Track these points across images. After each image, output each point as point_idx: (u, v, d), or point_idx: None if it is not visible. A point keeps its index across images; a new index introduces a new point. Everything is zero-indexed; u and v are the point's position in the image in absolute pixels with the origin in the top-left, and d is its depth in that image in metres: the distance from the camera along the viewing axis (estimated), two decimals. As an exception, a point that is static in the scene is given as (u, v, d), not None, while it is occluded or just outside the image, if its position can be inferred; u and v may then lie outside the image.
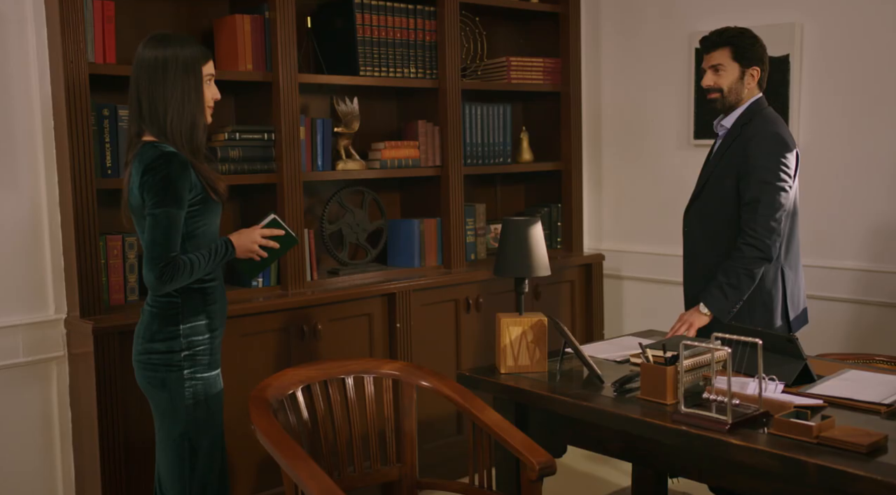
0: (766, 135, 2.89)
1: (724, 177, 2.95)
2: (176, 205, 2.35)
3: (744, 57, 2.95)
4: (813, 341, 3.56)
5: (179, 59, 2.42)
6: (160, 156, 2.35)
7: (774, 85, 3.89)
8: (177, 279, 2.36)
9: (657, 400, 2.40)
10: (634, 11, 4.46)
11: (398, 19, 3.80)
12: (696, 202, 3.08)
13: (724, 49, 2.96)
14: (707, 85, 3.00)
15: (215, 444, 2.52)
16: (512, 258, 2.82)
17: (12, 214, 3.07)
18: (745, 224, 2.86)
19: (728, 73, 2.96)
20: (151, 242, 2.34)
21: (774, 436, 2.13)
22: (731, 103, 2.98)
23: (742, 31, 2.99)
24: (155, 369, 2.44)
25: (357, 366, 2.76)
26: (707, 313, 2.89)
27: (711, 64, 2.98)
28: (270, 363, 3.31)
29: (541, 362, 2.76)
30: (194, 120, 2.45)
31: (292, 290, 3.48)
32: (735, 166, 2.91)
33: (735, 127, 2.98)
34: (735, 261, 2.86)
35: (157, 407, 2.49)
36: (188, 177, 2.38)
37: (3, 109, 3.03)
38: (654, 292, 4.45)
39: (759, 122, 2.94)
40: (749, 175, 2.87)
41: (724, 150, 2.98)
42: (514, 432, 2.48)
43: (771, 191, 2.84)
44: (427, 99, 3.97)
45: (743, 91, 2.97)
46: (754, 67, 2.97)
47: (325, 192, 3.83)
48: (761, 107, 2.99)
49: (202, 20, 3.51)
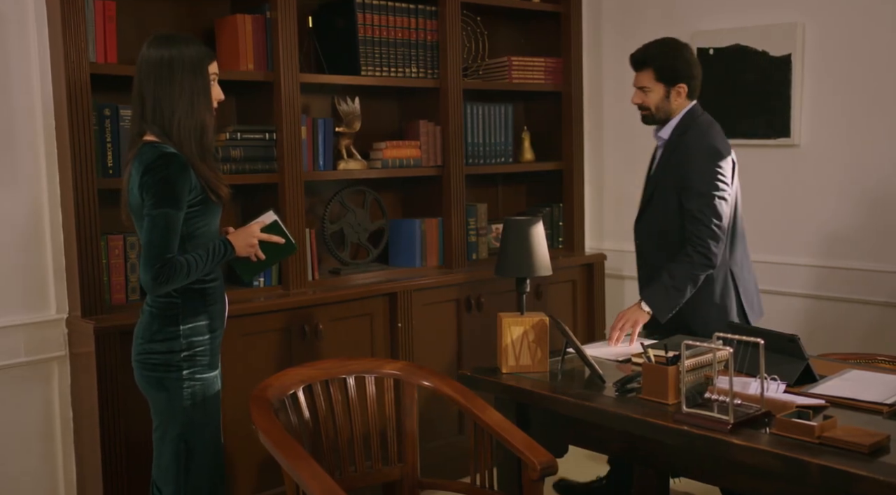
0: (700, 149, 3.00)
1: (667, 190, 3.06)
2: (174, 206, 2.34)
3: (666, 77, 3.05)
4: (816, 341, 3.56)
5: (186, 58, 2.41)
6: (160, 157, 2.34)
7: (775, 85, 3.88)
8: (173, 280, 2.35)
9: (659, 400, 2.40)
10: (635, 11, 4.45)
11: (399, 19, 3.79)
12: (644, 214, 3.17)
13: (648, 70, 3.06)
14: (636, 103, 3.12)
15: (212, 445, 2.51)
16: (513, 258, 2.82)
17: (14, 214, 3.06)
18: (690, 233, 2.96)
19: (654, 94, 3.07)
20: (148, 243, 2.34)
21: (776, 436, 2.13)
22: (661, 119, 3.11)
23: (664, 51, 3.06)
24: (154, 369, 2.44)
25: (358, 365, 2.76)
26: (648, 311, 2.97)
27: (638, 85, 3.09)
28: (271, 363, 3.30)
29: (542, 362, 2.76)
30: (203, 121, 2.44)
31: (294, 290, 3.47)
32: (676, 179, 3.02)
33: (673, 137, 3.08)
34: (682, 266, 2.95)
35: (155, 407, 2.49)
36: (188, 179, 2.37)
37: (5, 109, 3.03)
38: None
39: (695, 133, 3.04)
40: (688, 189, 2.98)
41: (665, 162, 3.09)
42: (516, 432, 2.47)
43: (711, 202, 2.94)
44: (428, 98, 3.97)
45: (671, 107, 3.08)
46: (680, 85, 3.05)
47: (327, 192, 3.83)
48: (695, 116, 3.09)
49: (203, 20, 3.50)
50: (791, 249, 3.94)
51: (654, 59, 3.05)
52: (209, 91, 2.46)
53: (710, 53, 4.11)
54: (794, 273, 3.92)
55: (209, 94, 2.46)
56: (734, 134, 4.05)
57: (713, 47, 4.10)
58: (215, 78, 2.50)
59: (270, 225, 2.61)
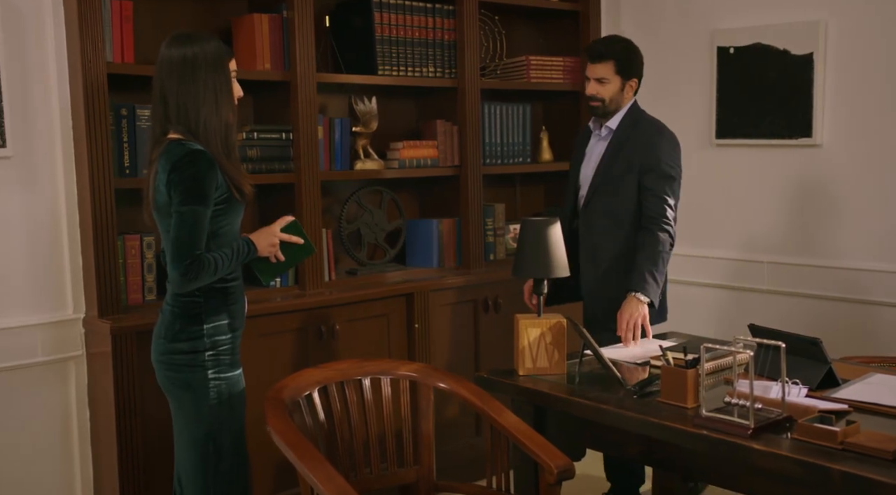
0: (664, 135, 3.19)
1: (623, 172, 3.16)
2: (202, 203, 2.33)
3: (625, 70, 3.19)
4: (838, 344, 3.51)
5: (208, 56, 2.40)
6: (188, 154, 2.33)
7: (797, 84, 3.84)
8: (201, 277, 2.34)
9: (678, 404, 2.37)
10: (654, 9, 4.42)
11: (417, 18, 3.78)
12: (594, 199, 3.22)
13: (608, 63, 3.18)
14: (591, 93, 3.21)
15: (238, 444, 2.50)
16: (530, 258, 2.79)
17: (31, 213, 3.07)
18: (654, 212, 3.10)
19: (611, 85, 3.19)
20: (177, 240, 2.32)
21: (798, 442, 2.10)
22: (611, 111, 3.22)
23: (625, 45, 3.22)
24: (178, 370, 2.43)
25: (374, 367, 2.74)
26: (647, 301, 3.01)
27: (595, 76, 3.20)
28: (288, 363, 3.29)
29: (559, 364, 2.73)
30: (228, 119, 2.44)
31: (310, 291, 3.46)
32: (635, 162, 3.15)
33: (622, 128, 3.21)
34: (653, 247, 3.05)
35: (179, 408, 2.47)
36: (215, 176, 2.36)
37: (23, 109, 3.03)
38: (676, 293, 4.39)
39: (650, 123, 3.23)
40: (652, 171, 3.12)
41: (616, 149, 3.20)
42: (533, 435, 2.45)
43: (674, 184, 3.14)
44: (446, 98, 3.95)
45: (622, 100, 3.22)
46: (633, 79, 3.22)
47: (344, 192, 3.82)
48: (640, 110, 3.27)
49: (220, 19, 3.50)
50: (812, 250, 3.89)
51: (615, 52, 3.18)
52: (231, 88, 2.45)
53: (730, 52, 4.07)
54: (813, 275, 3.87)
55: (231, 91, 2.46)
56: (754, 134, 4.02)
57: (733, 46, 4.06)
58: (235, 75, 2.49)
59: (289, 225, 2.60)
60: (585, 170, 3.30)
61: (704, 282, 4.26)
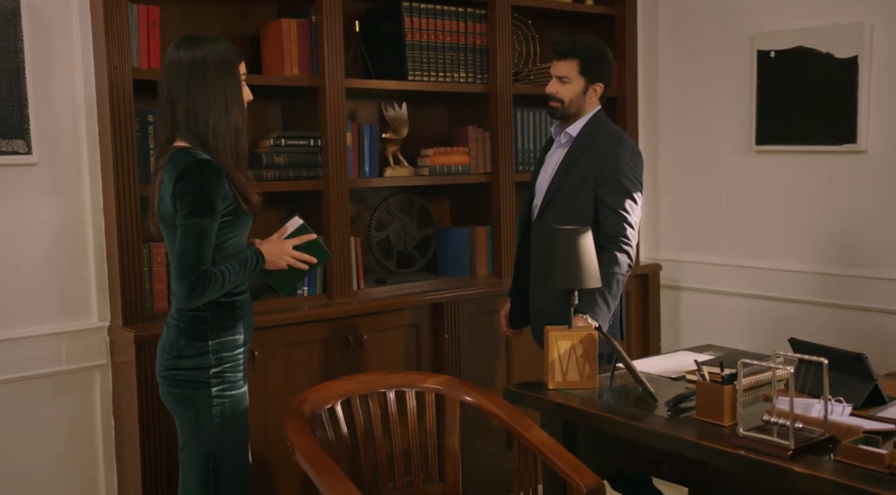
0: (624, 146, 2.98)
1: (579, 184, 2.97)
2: (209, 215, 2.26)
3: (590, 72, 2.99)
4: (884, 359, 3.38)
5: (217, 58, 2.33)
6: (194, 164, 2.27)
7: (840, 88, 3.71)
8: (207, 293, 2.27)
9: (714, 422, 2.27)
10: (693, 11, 4.31)
11: (448, 22, 3.72)
12: (548, 210, 3.03)
13: (573, 61, 2.99)
14: (550, 92, 3.03)
15: (239, 464, 2.43)
16: (561, 268, 2.70)
17: (57, 220, 3.05)
18: (612, 231, 2.91)
19: (573, 86, 3.00)
20: (183, 254, 2.25)
21: (841, 464, 1.99)
22: (571, 114, 3.02)
23: (593, 46, 3.02)
24: (181, 386, 2.36)
25: (399, 379, 2.68)
26: (595, 326, 2.78)
27: (558, 74, 3.01)
28: (314, 374, 3.24)
29: (591, 378, 2.64)
30: (237, 123, 2.37)
31: (338, 299, 3.41)
32: (591, 173, 2.95)
33: (582, 136, 3.01)
34: (608, 268, 2.84)
35: (181, 425, 2.42)
36: (222, 187, 2.29)
37: (48, 115, 3.02)
38: (714, 304, 4.29)
39: (610, 132, 3.02)
40: (610, 183, 2.93)
41: (573, 157, 3.01)
42: (562, 452, 2.37)
43: (632, 198, 2.93)
44: (477, 104, 3.88)
45: (584, 104, 3.02)
46: (599, 83, 3.01)
47: (373, 200, 3.76)
48: (603, 119, 3.05)
49: (249, 25, 3.47)
50: (855, 260, 3.76)
51: (582, 51, 2.99)
52: (241, 91, 2.39)
53: (770, 56, 3.95)
54: (858, 286, 3.74)
55: (241, 95, 2.39)
56: (795, 140, 3.90)
57: (774, 50, 3.94)
58: (245, 78, 2.42)
59: (298, 229, 2.53)
60: (542, 178, 3.10)
61: (743, 293, 4.14)
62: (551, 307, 2.91)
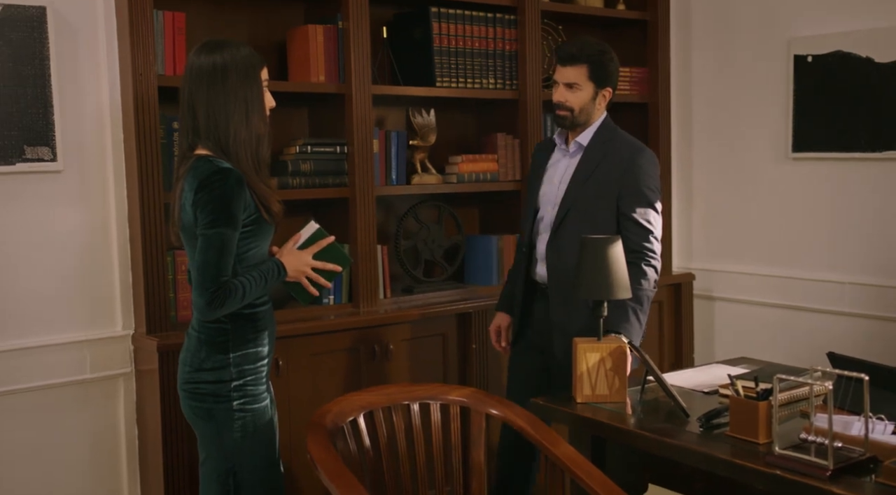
0: (645, 155, 2.88)
1: (598, 196, 2.86)
2: (230, 225, 2.22)
3: (599, 77, 2.88)
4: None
5: (238, 64, 2.28)
6: (216, 172, 2.22)
7: (881, 93, 3.61)
8: (228, 304, 2.23)
9: (748, 439, 2.19)
10: (727, 17, 4.22)
11: (477, 28, 3.67)
12: (566, 222, 2.88)
13: (581, 67, 2.86)
14: (558, 100, 2.90)
15: (263, 478, 2.38)
16: (590, 279, 2.63)
17: (82, 228, 3.04)
18: (638, 245, 2.81)
19: (583, 93, 2.88)
20: (203, 265, 2.21)
21: (883, 486, 1.91)
22: (581, 123, 2.91)
23: (601, 49, 2.90)
24: (202, 399, 2.32)
25: (423, 391, 2.63)
26: (627, 343, 2.64)
27: (566, 81, 2.88)
28: (340, 384, 3.20)
29: (620, 391, 2.57)
30: (259, 130, 2.33)
31: (364, 308, 3.37)
32: (612, 185, 2.85)
33: (594, 145, 2.90)
34: (640, 285, 2.76)
35: (202, 439, 2.38)
36: (243, 196, 2.24)
37: (74, 122, 3.01)
38: (749, 315, 4.19)
39: (627, 141, 2.92)
40: (634, 194, 2.83)
41: (589, 168, 2.89)
42: (590, 468, 2.29)
43: (655, 212, 2.86)
44: (506, 110, 3.83)
45: (594, 111, 2.91)
46: (608, 88, 2.91)
47: (400, 207, 3.72)
48: (612, 125, 2.96)
49: (275, 31, 3.44)
50: (898, 271, 3.65)
51: (590, 55, 2.86)
52: (263, 98, 2.34)
53: (808, 61, 3.86)
54: (901, 297, 3.63)
55: (263, 102, 2.34)
56: (833, 147, 3.80)
57: (811, 54, 3.85)
58: (266, 84, 2.38)
59: (314, 234, 2.48)
60: (547, 189, 2.97)
61: (779, 304, 4.03)
62: (574, 324, 2.81)
